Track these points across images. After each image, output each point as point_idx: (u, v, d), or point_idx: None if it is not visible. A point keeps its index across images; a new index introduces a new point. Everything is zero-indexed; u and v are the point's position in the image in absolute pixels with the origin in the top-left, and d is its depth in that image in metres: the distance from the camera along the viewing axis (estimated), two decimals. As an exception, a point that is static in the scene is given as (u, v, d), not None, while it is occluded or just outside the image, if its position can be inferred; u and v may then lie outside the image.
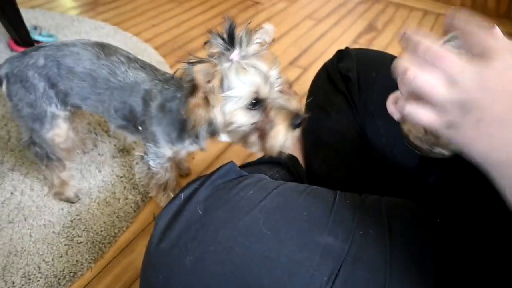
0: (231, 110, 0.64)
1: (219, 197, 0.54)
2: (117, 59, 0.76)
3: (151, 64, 0.79)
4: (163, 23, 1.88)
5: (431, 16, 2.24)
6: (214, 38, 0.62)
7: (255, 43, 0.64)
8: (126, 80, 0.75)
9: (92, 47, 0.77)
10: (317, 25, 2.03)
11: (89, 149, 1.10)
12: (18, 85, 0.78)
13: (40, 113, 0.81)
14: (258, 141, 0.66)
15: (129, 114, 0.78)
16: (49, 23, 1.74)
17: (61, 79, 0.78)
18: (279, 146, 0.64)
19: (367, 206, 0.56)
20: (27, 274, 0.80)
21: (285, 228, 0.50)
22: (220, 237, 0.50)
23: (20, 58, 0.78)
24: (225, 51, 0.62)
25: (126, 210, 0.95)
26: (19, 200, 0.95)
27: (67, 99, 0.81)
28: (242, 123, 0.65)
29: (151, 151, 0.80)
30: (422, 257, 0.48)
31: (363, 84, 0.83)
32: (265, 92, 0.63)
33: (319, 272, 0.47)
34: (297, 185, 0.59)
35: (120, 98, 0.77)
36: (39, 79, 0.77)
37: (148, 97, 0.74)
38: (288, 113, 0.64)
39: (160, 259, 0.52)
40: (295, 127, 0.64)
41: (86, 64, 0.76)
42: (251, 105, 0.64)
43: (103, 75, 0.76)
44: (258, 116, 0.65)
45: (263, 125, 0.64)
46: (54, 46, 0.78)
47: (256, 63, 0.63)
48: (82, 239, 0.87)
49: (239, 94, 0.62)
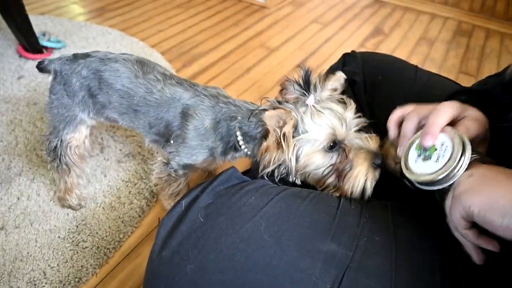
0: (308, 153, 0.64)
1: (220, 204, 0.54)
2: (154, 77, 0.79)
3: (187, 79, 0.82)
4: (169, 29, 1.89)
5: (439, 19, 2.22)
6: (291, 84, 0.65)
7: (328, 89, 0.67)
8: (162, 98, 0.78)
9: (132, 65, 0.81)
10: (324, 29, 2.03)
11: (96, 153, 1.11)
12: (61, 87, 0.83)
13: (69, 116, 0.85)
14: (337, 183, 0.65)
15: (164, 129, 0.80)
16: (57, 29, 1.76)
17: (100, 92, 0.82)
18: (360, 187, 0.63)
19: (372, 211, 0.55)
20: (33, 279, 0.80)
21: (287, 234, 0.50)
22: (221, 245, 0.49)
23: (71, 63, 0.83)
24: (302, 96, 0.64)
25: (131, 214, 0.95)
26: (25, 205, 0.96)
27: (103, 110, 0.85)
28: (319, 165, 0.65)
29: (181, 163, 0.80)
30: (428, 265, 0.47)
31: (369, 87, 0.82)
32: (342, 133, 0.64)
33: (322, 280, 0.46)
34: (300, 191, 0.58)
35: (156, 114, 0.79)
36: (80, 88, 0.82)
37: (192, 112, 0.75)
38: (369, 153, 0.63)
39: (162, 267, 0.51)
40: (376, 167, 0.63)
41: (124, 82, 0.80)
42: (329, 148, 0.64)
43: (140, 93, 0.79)
44: (336, 158, 0.65)
45: (342, 166, 0.64)
46: (99, 59, 0.82)
47: (331, 106, 0.64)
48: (87, 244, 0.88)
49: (316, 137, 0.63)
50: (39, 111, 1.25)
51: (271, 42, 1.85)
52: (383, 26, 2.09)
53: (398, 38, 1.96)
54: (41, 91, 1.35)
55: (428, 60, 1.78)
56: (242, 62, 1.67)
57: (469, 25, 2.18)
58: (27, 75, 1.43)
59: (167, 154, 0.82)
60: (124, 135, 1.19)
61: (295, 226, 0.51)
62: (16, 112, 1.24)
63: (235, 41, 1.84)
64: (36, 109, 1.26)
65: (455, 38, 2.01)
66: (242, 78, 1.56)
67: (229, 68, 1.62)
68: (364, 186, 0.63)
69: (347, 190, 0.64)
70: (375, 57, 0.90)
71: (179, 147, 0.78)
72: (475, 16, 2.31)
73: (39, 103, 1.29)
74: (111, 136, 1.18)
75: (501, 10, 2.44)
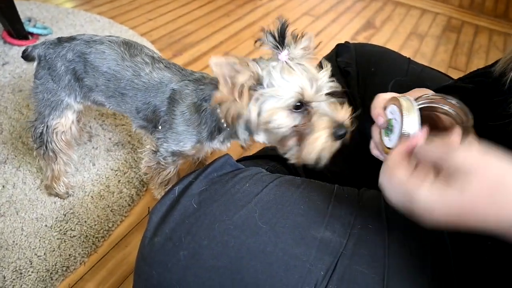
0: (270, 109, 0.61)
1: (214, 191, 0.53)
2: (141, 60, 0.77)
3: (175, 64, 0.80)
4: (159, 17, 1.86)
5: (429, 15, 2.24)
6: (266, 35, 0.61)
7: (301, 47, 0.63)
8: (150, 81, 0.76)
9: (118, 47, 0.78)
10: (315, 21, 2.02)
11: (83, 142, 1.08)
12: (46, 71, 0.81)
13: (55, 101, 0.83)
14: (296, 146, 0.63)
15: (152, 114, 0.78)
16: (44, 15, 1.71)
17: (86, 75, 0.79)
18: (315, 153, 0.60)
19: (365, 200, 0.55)
20: (19, 268, 0.78)
21: (282, 222, 0.49)
22: (215, 231, 0.49)
23: (55, 46, 0.80)
24: (275, 49, 0.61)
25: (121, 204, 0.94)
26: (11, 194, 0.93)
27: (90, 94, 0.82)
28: (281, 124, 0.62)
29: (169, 149, 0.78)
30: (420, 251, 0.48)
31: (362, 78, 0.82)
32: (310, 94, 0.60)
33: (316, 266, 0.46)
34: (294, 179, 0.58)
35: (144, 99, 0.77)
36: (66, 71, 0.80)
37: (178, 97, 0.73)
38: (332, 121, 0.60)
39: (154, 254, 0.50)
40: (336, 138, 0.60)
41: (110, 64, 0.77)
42: (294, 107, 0.61)
43: (127, 76, 0.77)
44: (299, 119, 0.61)
45: (303, 129, 0.61)
46: (84, 41, 0.80)
47: (304, 64, 0.61)
48: (75, 233, 0.86)
49: (282, 93, 0.60)
50: (25, 98, 1.22)
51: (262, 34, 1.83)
52: (374, 20, 2.10)
53: (389, 32, 1.97)
54: (27, 78, 1.31)
55: (419, 54, 1.79)
56: (233, 52, 1.65)
57: (458, 21, 2.20)
58: (12, 62, 1.39)
59: (155, 141, 0.80)
60: (113, 124, 1.17)
61: (289, 213, 0.51)
62: (1, 99, 1.21)
63: (227, 31, 1.82)
64: (22, 96, 1.23)
65: (445, 34, 2.03)
66: (234, 68, 1.55)
67: (220, 59, 1.60)
68: (318, 154, 0.60)
69: (304, 156, 0.61)
70: (368, 49, 0.90)
71: (166, 133, 0.77)
72: (465, 12, 2.33)
73: (25, 90, 1.25)
74: (100, 125, 1.16)
75: (490, 7, 2.48)
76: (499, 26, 2.18)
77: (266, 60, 0.63)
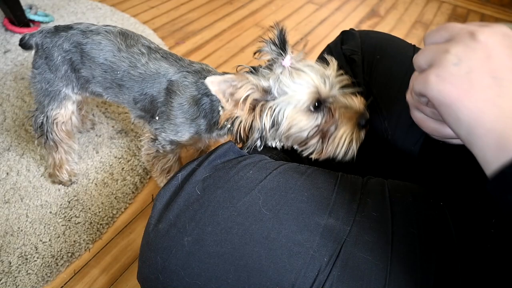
0: (291, 115, 0.60)
1: (218, 177, 0.53)
2: (137, 51, 0.76)
3: (172, 53, 0.79)
4: (162, 5, 1.84)
5: (434, 3, 2.20)
6: (267, 44, 0.62)
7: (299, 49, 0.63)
8: (147, 72, 0.75)
9: (115, 37, 0.77)
10: (319, 10, 1.99)
11: (86, 129, 1.09)
12: (43, 61, 0.81)
13: (53, 91, 0.82)
14: (319, 144, 0.62)
15: (149, 105, 0.78)
16: (45, 3, 1.70)
17: (83, 66, 0.79)
18: (345, 147, 0.60)
19: (369, 188, 0.55)
20: (24, 254, 0.79)
21: (285, 208, 0.49)
22: (219, 218, 0.49)
23: (52, 35, 0.80)
24: (278, 57, 0.61)
25: (125, 191, 0.94)
26: (15, 181, 0.94)
27: (88, 85, 0.82)
28: (303, 127, 0.61)
29: (167, 138, 0.78)
30: (424, 239, 0.48)
31: (367, 66, 0.81)
32: (325, 91, 0.60)
33: (319, 253, 0.46)
34: (298, 166, 0.58)
35: (141, 90, 0.77)
36: (62, 62, 0.79)
37: (176, 88, 0.73)
38: (354, 112, 0.60)
39: (158, 240, 0.51)
40: (361, 128, 0.60)
41: (107, 55, 0.77)
42: (313, 107, 0.60)
43: (123, 67, 0.76)
44: (321, 118, 0.61)
45: (327, 127, 0.60)
46: (80, 31, 0.79)
47: (311, 63, 0.61)
48: (79, 220, 0.87)
49: (298, 97, 0.60)
50: (27, 86, 1.21)
51: (266, 22, 1.82)
52: (378, 8, 2.07)
53: (393, 21, 1.95)
54: (29, 66, 1.30)
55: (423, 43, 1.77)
56: (236, 41, 1.64)
57: (464, 9, 2.17)
58: (14, 49, 1.38)
59: (153, 130, 0.80)
60: (116, 111, 1.17)
61: (293, 200, 0.51)
62: (3, 86, 1.21)
63: (230, 19, 1.80)
64: (24, 83, 1.23)
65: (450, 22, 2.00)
66: (237, 57, 1.54)
67: (223, 47, 1.59)
68: (348, 147, 0.60)
69: (330, 152, 0.61)
70: (373, 35, 0.89)
71: (164, 124, 0.77)
72: (470, 0, 2.29)
73: (27, 78, 1.25)
74: (102, 113, 1.16)
75: (496, -5, 2.43)
76: (505, 15, 2.15)
77: (266, 69, 0.62)
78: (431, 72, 0.36)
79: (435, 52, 0.37)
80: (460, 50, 0.35)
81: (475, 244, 0.47)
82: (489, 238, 0.47)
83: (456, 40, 0.36)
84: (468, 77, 0.34)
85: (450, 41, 0.36)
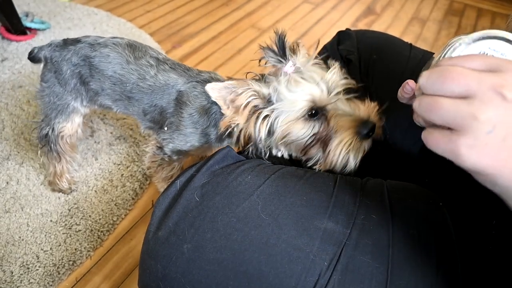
0: (284, 123, 0.60)
1: (216, 183, 0.53)
2: (146, 63, 0.76)
3: (180, 64, 0.79)
4: (157, 9, 1.84)
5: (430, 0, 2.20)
6: (265, 52, 0.60)
7: (303, 54, 0.61)
8: (156, 84, 0.75)
9: (123, 50, 0.77)
10: (315, 9, 1.99)
11: (86, 136, 1.08)
12: (52, 74, 0.81)
13: (61, 105, 0.82)
14: (320, 153, 0.60)
15: (159, 116, 0.78)
16: (41, 10, 1.70)
17: (92, 79, 0.79)
18: (342, 157, 0.57)
19: (369, 190, 0.55)
20: (26, 263, 0.79)
21: (284, 213, 0.49)
22: (218, 224, 0.49)
23: (60, 49, 0.80)
24: (278, 64, 0.60)
25: (124, 197, 0.94)
26: (15, 190, 0.94)
27: (97, 98, 0.82)
28: (299, 135, 0.60)
29: (175, 149, 0.78)
30: (424, 241, 0.48)
31: (363, 67, 0.81)
32: (322, 99, 0.58)
33: (320, 257, 0.46)
34: (296, 169, 0.58)
35: (151, 101, 0.77)
36: (71, 75, 0.79)
37: (185, 99, 0.73)
38: (353, 120, 0.56)
39: (158, 247, 0.51)
40: (363, 136, 0.56)
41: (116, 68, 0.77)
42: (309, 116, 0.59)
43: (132, 80, 0.76)
44: (318, 126, 0.59)
45: (324, 135, 0.58)
46: (88, 44, 0.79)
47: (311, 70, 0.59)
48: (80, 228, 0.87)
49: (292, 105, 0.58)
50: (25, 94, 1.21)
51: (262, 23, 1.81)
52: (375, 6, 2.07)
53: (390, 18, 1.95)
54: (26, 74, 1.31)
55: (420, 39, 1.77)
56: (233, 42, 1.64)
57: (460, 4, 2.17)
58: (11, 57, 1.38)
59: (161, 141, 0.80)
60: (114, 118, 1.16)
61: (292, 204, 0.51)
62: (1, 95, 1.21)
63: (226, 21, 1.80)
64: (22, 92, 1.23)
65: (447, 18, 2.00)
66: (234, 59, 1.54)
67: (220, 49, 1.59)
68: (345, 157, 0.57)
69: (328, 162, 0.59)
70: (370, 35, 0.89)
71: (173, 134, 0.77)
72: (467, -5, 2.29)
73: (25, 86, 1.25)
74: (101, 119, 1.15)
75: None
76: (502, 8, 2.14)
77: (272, 76, 0.61)
78: (460, 142, 0.31)
79: (457, 116, 0.31)
80: (492, 115, 0.30)
81: (475, 245, 0.47)
82: (490, 239, 0.47)
83: (481, 100, 0.30)
84: (506, 145, 0.30)
85: (472, 101, 0.31)
